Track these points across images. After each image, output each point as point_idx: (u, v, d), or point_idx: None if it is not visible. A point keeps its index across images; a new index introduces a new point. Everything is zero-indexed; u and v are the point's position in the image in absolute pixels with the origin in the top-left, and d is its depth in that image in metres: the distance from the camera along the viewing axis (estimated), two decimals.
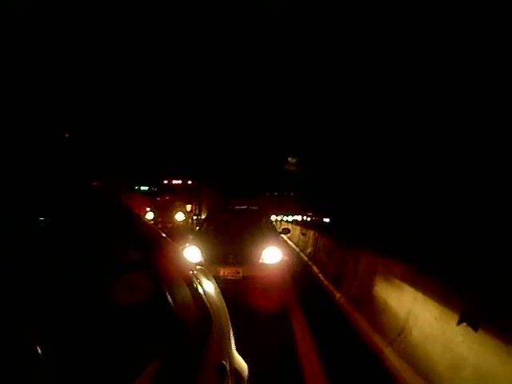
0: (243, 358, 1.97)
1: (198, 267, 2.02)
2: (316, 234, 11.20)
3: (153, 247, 1.60)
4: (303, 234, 13.89)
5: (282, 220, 38.77)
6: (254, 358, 2.13)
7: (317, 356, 4.08)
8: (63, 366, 0.81)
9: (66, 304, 0.96)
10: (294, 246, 15.10)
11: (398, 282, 4.24)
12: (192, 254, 6.06)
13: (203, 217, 20.25)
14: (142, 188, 21.24)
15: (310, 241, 11.69)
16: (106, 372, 0.92)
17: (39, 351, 0.76)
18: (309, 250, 11.37)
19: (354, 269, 6.06)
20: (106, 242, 1.38)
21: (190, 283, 1.71)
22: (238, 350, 1.99)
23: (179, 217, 18.10)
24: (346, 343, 4.41)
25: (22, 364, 0.73)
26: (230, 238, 6.54)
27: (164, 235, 1.78)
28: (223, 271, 5.82)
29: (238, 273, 5.83)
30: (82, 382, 0.84)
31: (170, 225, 16.80)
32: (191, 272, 1.82)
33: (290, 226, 17.55)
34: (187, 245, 6.38)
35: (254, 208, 8.85)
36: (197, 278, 1.80)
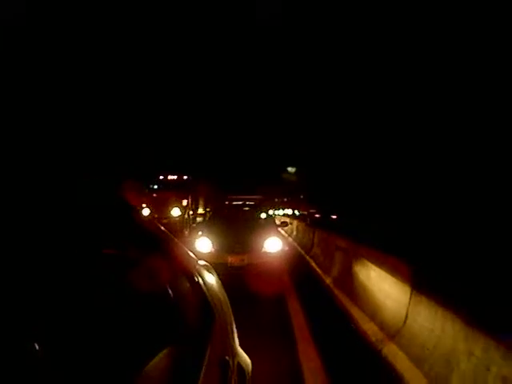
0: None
1: (200, 262, 2.01)
2: (297, 223, 16.87)
3: (154, 243, 1.58)
4: (290, 224, 18.65)
5: (273, 214, 38.90)
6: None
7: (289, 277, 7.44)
8: (62, 360, 0.81)
9: (66, 301, 0.95)
10: (283, 233, 18.57)
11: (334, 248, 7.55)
12: (204, 244, 6.88)
13: (199, 212, 20.24)
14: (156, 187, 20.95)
15: (294, 228, 16.91)
16: (108, 364, 0.92)
17: (36, 347, 0.75)
18: (294, 234, 16.52)
19: (312, 239, 10.69)
20: (109, 238, 1.37)
21: (192, 278, 1.70)
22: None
23: (175, 212, 18.07)
24: (309, 273, 8.35)
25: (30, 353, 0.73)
26: (236, 230, 7.34)
27: (165, 231, 1.76)
28: (231, 259, 6.57)
29: (243, 260, 6.55)
30: (82, 372, 0.84)
31: (165, 220, 16.73)
32: (194, 267, 1.81)
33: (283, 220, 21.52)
34: (199, 236, 7.17)
35: (254, 203, 9.76)
36: (199, 274, 1.79)
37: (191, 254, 1.91)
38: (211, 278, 1.93)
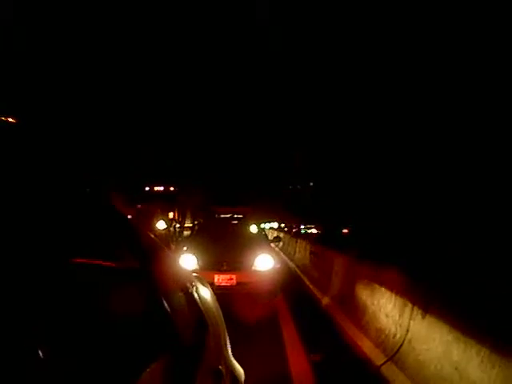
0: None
1: (194, 274, 2.04)
2: (283, 235, 19.78)
3: (150, 255, 1.61)
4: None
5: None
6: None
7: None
8: (64, 367, 0.84)
9: (64, 308, 0.97)
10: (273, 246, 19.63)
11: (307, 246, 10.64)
12: (188, 261, 6.27)
13: (186, 225, 20.05)
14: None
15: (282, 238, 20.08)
16: (102, 374, 0.94)
17: (40, 354, 0.78)
18: (280, 245, 19.49)
19: (295, 245, 13.11)
20: (105, 249, 1.40)
21: (186, 290, 1.73)
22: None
23: (160, 225, 17.80)
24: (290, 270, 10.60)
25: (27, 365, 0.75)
26: (224, 245, 6.60)
27: (160, 242, 1.79)
28: (217, 278, 5.96)
29: (232, 279, 5.93)
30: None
31: (150, 234, 16.47)
32: (188, 279, 1.84)
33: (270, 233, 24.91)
34: (183, 252, 6.56)
35: (241, 216, 9.11)
36: (193, 285, 1.82)
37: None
38: (205, 290, 1.96)
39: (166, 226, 17.70)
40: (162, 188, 19.71)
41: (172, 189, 19.75)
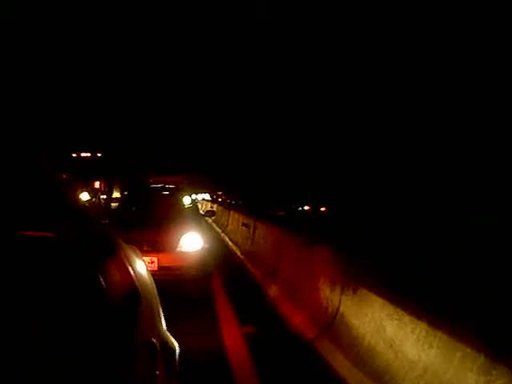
0: None
1: (128, 245, 1.96)
2: (216, 207, 21.17)
3: (84, 224, 1.53)
4: (212, 208, 22.61)
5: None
6: None
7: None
8: None
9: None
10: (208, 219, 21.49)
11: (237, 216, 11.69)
12: None
13: (114, 196, 19.08)
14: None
15: (215, 209, 20.82)
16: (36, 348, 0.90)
17: None
18: (213, 217, 20.94)
19: (228, 217, 13.46)
20: (43, 219, 1.30)
21: (120, 260, 1.66)
22: None
23: (83, 196, 16.80)
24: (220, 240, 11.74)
25: None
26: (148, 222, 5.73)
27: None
28: None
29: (153, 263, 5.12)
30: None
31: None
32: (121, 249, 1.77)
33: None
34: None
35: (173, 187, 8.39)
36: (126, 256, 1.76)
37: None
38: (138, 261, 1.91)
39: (89, 198, 16.66)
40: (89, 154, 18.42)
41: (100, 155, 18.51)
